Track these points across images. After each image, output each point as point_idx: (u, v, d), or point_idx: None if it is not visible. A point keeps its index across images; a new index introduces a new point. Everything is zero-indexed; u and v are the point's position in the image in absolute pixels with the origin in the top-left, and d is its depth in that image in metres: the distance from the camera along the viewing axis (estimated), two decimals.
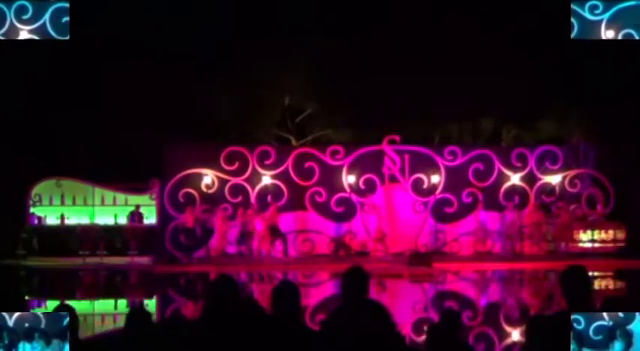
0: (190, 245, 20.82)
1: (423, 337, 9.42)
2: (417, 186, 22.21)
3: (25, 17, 5.54)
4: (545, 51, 24.06)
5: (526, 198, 22.25)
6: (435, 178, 22.11)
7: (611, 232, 21.56)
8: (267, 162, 21.85)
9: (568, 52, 23.70)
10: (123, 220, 22.40)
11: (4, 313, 4.33)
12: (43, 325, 4.42)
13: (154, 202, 22.20)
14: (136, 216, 22.47)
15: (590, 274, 5.08)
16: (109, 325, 12.98)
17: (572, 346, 4.47)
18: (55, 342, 4.42)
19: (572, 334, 4.50)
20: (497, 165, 22.41)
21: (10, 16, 5.50)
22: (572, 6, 5.68)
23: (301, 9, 24.76)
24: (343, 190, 21.98)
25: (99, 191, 22.58)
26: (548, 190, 22.40)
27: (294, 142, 25.95)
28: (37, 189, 22.36)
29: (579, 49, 23.89)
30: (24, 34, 5.59)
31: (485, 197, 22.02)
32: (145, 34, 23.69)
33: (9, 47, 22.12)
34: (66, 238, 21.76)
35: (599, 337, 4.49)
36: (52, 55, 23.29)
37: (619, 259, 20.68)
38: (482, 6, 24.59)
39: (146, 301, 16.10)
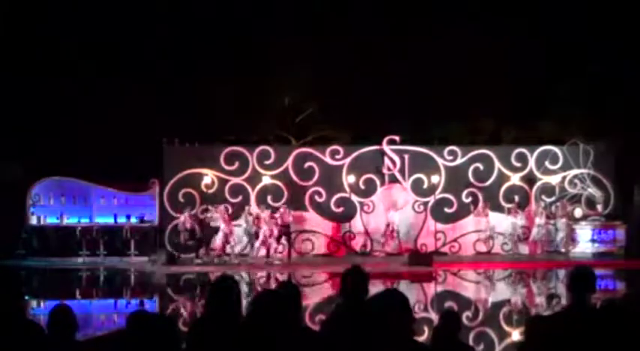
0: (191, 245, 20.76)
1: (423, 338, 9.42)
2: (417, 186, 22.21)
3: None
4: (544, 50, 24.09)
5: (526, 198, 22.25)
6: (435, 178, 22.12)
7: (611, 232, 21.57)
8: (267, 162, 21.86)
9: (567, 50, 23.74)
10: (123, 220, 22.39)
11: None
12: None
13: (154, 202, 22.21)
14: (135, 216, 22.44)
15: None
16: (109, 325, 12.98)
17: None
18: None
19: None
20: (497, 165, 22.41)
21: None
22: None
23: (302, 9, 24.77)
24: (343, 190, 21.98)
25: (99, 191, 22.56)
26: (548, 190, 22.40)
27: (294, 142, 25.93)
28: (37, 189, 22.34)
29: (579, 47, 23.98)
30: None
31: (485, 197, 22.02)
32: (144, 34, 23.69)
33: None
34: (66, 238, 21.74)
35: None
36: (52, 54, 23.34)
37: (619, 259, 20.68)
38: (483, 7, 24.62)
39: (146, 302, 16.09)
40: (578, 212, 22.04)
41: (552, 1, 24.98)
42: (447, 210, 22.07)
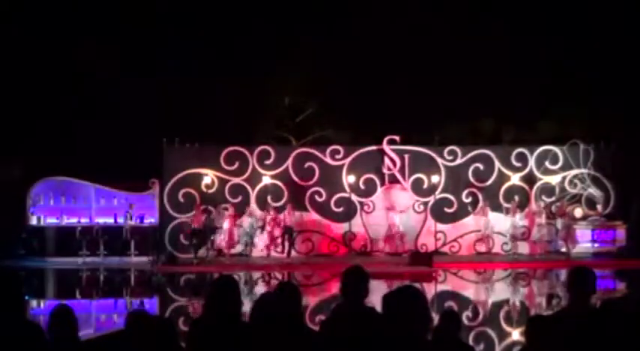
0: (196, 245, 20.73)
1: None
2: (417, 186, 22.20)
3: None
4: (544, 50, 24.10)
5: (526, 198, 22.24)
6: (435, 178, 22.12)
7: (611, 232, 21.57)
8: (267, 162, 21.86)
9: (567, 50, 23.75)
10: (123, 220, 22.37)
11: None
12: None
13: (154, 202, 22.19)
14: (135, 216, 22.41)
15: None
16: (109, 325, 12.98)
17: None
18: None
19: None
20: (497, 165, 22.40)
21: None
22: None
23: (302, 9, 24.78)
24: (343, 190, 21.98)
25: (99, 191, 22.55)
26: (548, 190, 22.38)
27: (294, 142, 25.93)
28: (37, 189, 22.32)
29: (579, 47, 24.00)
30: None
31: (485, 197, 22.00)
32: (144, 34, 23.70)
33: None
34: (66, 238, 21.72)
35: None
36: (50, 55, 23.34)
37: (619, 259, 20.68)
38: (482, 7, 24.65)
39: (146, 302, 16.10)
40: (578, 212, 22.02)
41: (552, 1, 25.00)
42: (447, 210, 22.07)
